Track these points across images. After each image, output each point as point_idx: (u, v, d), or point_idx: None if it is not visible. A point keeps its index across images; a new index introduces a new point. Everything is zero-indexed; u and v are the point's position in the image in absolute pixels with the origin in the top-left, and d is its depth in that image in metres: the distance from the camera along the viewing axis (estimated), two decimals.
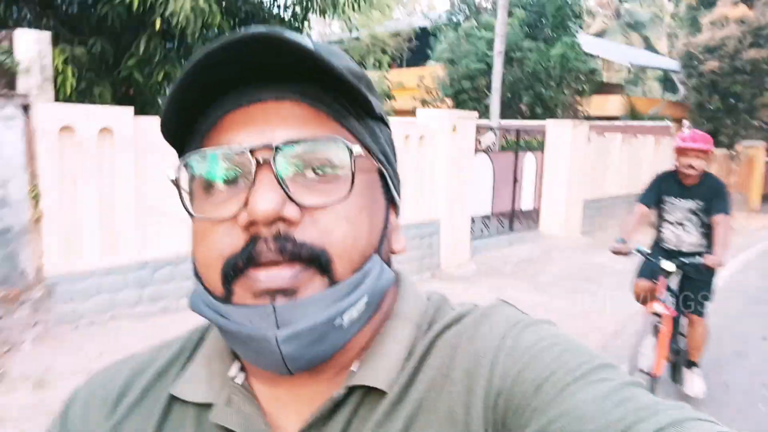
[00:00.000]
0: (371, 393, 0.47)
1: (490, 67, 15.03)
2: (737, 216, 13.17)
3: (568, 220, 9.00)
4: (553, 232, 8.92)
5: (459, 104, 17.63)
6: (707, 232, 3.53)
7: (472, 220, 7.25)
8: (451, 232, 6.76)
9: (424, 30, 19.37)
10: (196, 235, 0.46)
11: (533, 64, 14.97)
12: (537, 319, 0.50)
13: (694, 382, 3.59)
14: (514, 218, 8.53)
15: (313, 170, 0.44)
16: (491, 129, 8.91)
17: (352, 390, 0.47)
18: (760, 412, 3.56)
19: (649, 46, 29.19)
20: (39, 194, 3.57)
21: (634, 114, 17.75)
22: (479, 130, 7.57)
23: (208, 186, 0.44)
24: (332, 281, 0.44)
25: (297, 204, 0.42)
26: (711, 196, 3.45)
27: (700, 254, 3.42)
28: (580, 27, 17.01)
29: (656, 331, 3.34)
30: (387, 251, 0.51)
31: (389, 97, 19.14)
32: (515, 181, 8.42)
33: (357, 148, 0.45)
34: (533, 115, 15.41)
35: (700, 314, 3.50)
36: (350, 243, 0.44)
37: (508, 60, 13.98)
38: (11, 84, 3.64)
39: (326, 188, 0.44)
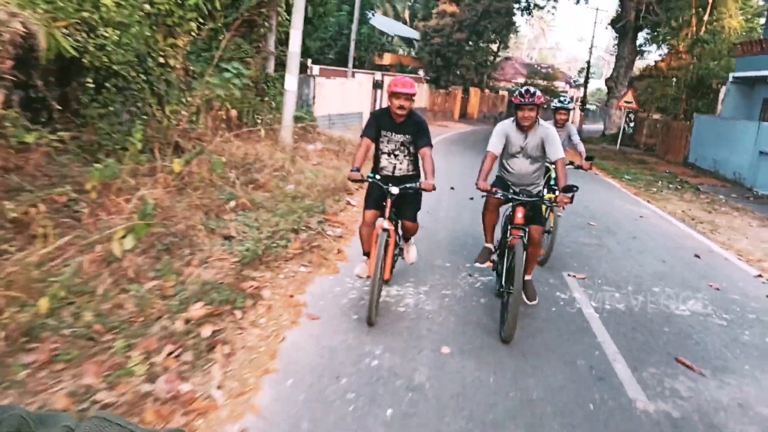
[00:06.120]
0: None
1: (332, 38, 28.70)
2: (449, 123, 30.04)
3: None
4: None
5: (324, 61, 30.84)
6: (414, 159, 4.64)
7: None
8: (366, 116, 20.88)
9: None
10: None
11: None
12: None
13: (411, 251, 5.00)
14: None
15: None
16: (375, 79, 23.10)
17: None
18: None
19: (397, 14, 45.38)
20: (315, 96, 16.85)
21: (401, 66, 33.40)
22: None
23: None
24: None
25: None
26: (416, 131, 4.47)
27: (411, 178, 4.62)
28: (373, 14, 31.63)
29: (386, 244, 4.32)
30: None
31: None
32: (375, 99, 22.74)
33: None
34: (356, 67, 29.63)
35: (414, 220, 4.68)
36: None
37: (345, 36, 27.85)
38: (305, 69, 16.82)
39: None
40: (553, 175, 6.27)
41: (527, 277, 4.92)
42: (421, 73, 34.91)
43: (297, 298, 4.75)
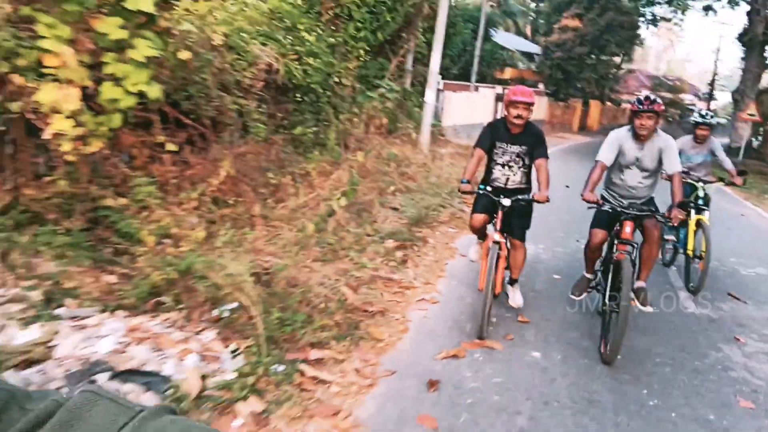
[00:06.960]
0: None
1: (457, 54, 30.93)
2: (567, 135, 31.21)
3: None
4: None
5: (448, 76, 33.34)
6: (527, 171, 4.58)
7: None
8: None
9: None
10: None
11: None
12: (144, 412, 0.53)
13: (516, 296, 4.92)
14: None
15: None
16: (497, 93, 25.07)
17: None
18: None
19: (519, 30, 46.86)
20: (443, 109, 19.07)
21: (522, 79, 34.96)
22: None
23: None
24: None
25: None
26: (533, 142, 4.41)
27: (523, 191, 4.57)
28: (496, 31, 33.55)
29: (498, 257, 4.30)
30: None
31: None
32: (495, 111, 24.62)
33: None
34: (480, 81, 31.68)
35: (522, 240, 4.59)
36: None
37: (468, 52, 30.00)
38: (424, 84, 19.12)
39: None
40: (701, 193, 6.39)
41: (641, 284, 4.54)
42: (540, 86, 36.22)
43: (451, 245, 6.91)
